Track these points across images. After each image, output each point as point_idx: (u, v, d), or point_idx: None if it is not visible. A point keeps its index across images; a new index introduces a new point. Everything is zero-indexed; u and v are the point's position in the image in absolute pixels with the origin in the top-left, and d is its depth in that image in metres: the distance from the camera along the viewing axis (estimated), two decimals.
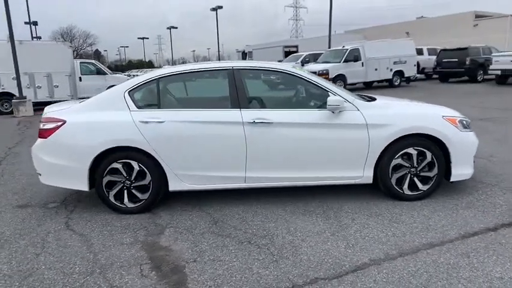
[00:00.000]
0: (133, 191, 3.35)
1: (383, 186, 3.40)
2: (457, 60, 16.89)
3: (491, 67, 15.19)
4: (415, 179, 3.39)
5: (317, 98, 3.41)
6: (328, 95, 3.32)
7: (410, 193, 3.40)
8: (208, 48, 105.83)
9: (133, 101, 3.33)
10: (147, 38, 62.50)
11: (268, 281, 2.27)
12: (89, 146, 3.24)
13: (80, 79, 13.24)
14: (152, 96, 3.40)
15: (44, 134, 3.36)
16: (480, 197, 3.47)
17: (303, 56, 19.23)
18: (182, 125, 3.24)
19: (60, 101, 13.93)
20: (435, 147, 3.33)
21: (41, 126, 3.40)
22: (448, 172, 3.41)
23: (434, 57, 19.20)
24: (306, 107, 3.40)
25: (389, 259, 2.46)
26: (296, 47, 44.75)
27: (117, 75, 15.51)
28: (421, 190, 3.40)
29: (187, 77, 3.52)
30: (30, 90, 12.38)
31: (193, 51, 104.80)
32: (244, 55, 59.87)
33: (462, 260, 2.41)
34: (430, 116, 3.37)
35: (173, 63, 56.25)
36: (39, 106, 13.07)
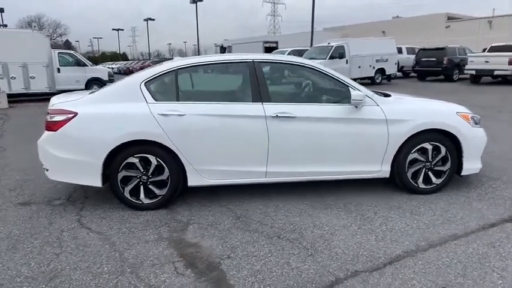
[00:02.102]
0: (150, 186, 3.22)
1: (399, 180, 3.47)
2: (435, 59, 17.52)
3: (466, 67, 15.88)
4: (429, 173, 3.49)
5: (337, 93, 3.41)
6: (349, 90, 3.34)
7: (424, 187, 3.50)
8: (184, 42, 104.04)
9: (150, 93, 3.20)
10: (122, 30, 60.51)
11: (309, 275, 2.26)
12: (104, 139, 3.08)
13: (59, 70, 12.60)
14: (170, 88, 3.27)
15: (52, 126, 3.16)
16: (487, 190, 3.62)
17: (287, 52, 19.28)
18: (203, 118, 3.15)
19: (37, 93, 13.22)
20: (449, 142, 3.43)
21: (49, 118, 3.19)
22: (459, 166, 3.53)
23: (412, 56, 19.83)
24: (326, 102, 3.40)
25: (421, 250, 2.52)
26: (276, 43, 44.79)
27: (98, 67, 14.91)
28: (435, 184, 3.50)
29: (205, 68, 3.42)
30: (4, 81, 11.65)
31: (169, 44, 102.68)
32: (223, 50, 59.29)
33: (489, 250, 2.50)
34: (446, 112, 3.47)
35: (149, 56, 54.85)
36: (14, 98, 12.40)
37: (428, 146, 3.41)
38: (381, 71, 16.83)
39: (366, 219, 3.01)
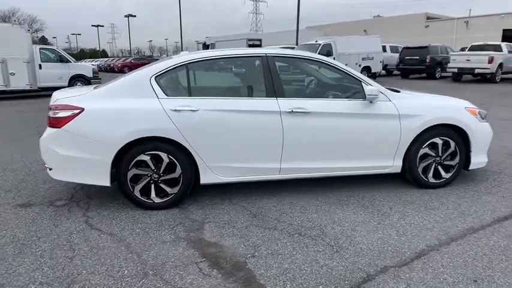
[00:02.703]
0: (161, 185, 3.11)
1: (410, 174, 3.49)
2: (418, 57, 17.96)
3: (449, 65, 16.34)
4: (439, 167, 3.53)
5: (350, 88, 3.39)
6: (361, 85, 3.32)
7: (434, 181, 3.53)
8: (166, 39, 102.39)
9: (161, 88, 3.07)
10: (102, 26, 58.64)
11: (340, 272, 2.22)
12: (113, 136, 2.94)
13: (40, 67, 12.07)
14: (181, 83, 3.16)
15: (56, 123, 2.99)
16: (493, 183, 3.70)
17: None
18: (217, 114, 3.06)
19: (17, 91, 12.67)
20: (458, 137, 3.48)
21: (52, 114, 3.02)
22: (466, 161, 3.59)
23: (396, 55, 20.25)
24: (339, 97, 3.37)
25: (444, 244, 2.53)
26: (260, 40, 44.85)
27: (82, 63, 14.41)
28: (444, 178, 3.55)
29: (217, 63, 3.33)
30: None
31: (150, 41, 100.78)
32: (206, 47, 58.69)
33: (510, 242, 2.54)
34: (455, 107, 3.51)
35: (130, 53, 53.53)
36: None
37: (438, 140, 3.45)
38: (367, 69, 17.07)
39: (383, 215, 3.01)
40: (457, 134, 3.47)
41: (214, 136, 3.07)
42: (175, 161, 3.07)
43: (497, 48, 16.10)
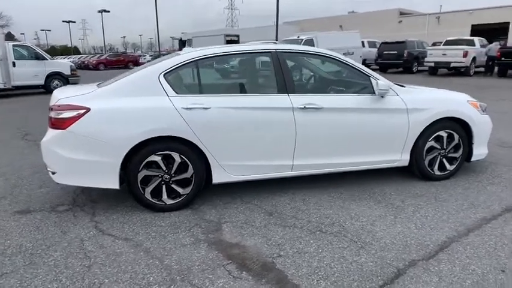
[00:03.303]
0: (173, 185, 3.00)
1: (417, 167, 3.55)
2: (396, 52, 18.38)
3: (426, 59, 16.84)
4: (444, 160, 3.61)
5: (359, 83, 3.39)
6: (370, 80, 3.34)
7: (439, 173, 3.61)
8: (140, 35, 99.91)
9: (170, 85, 2.96)
10: (74, 22, 56.15)
11: (370, 268, 2.22)
12: (122, 137, 2.81)
13: (14, 64, 11.43)
14: (191, 80, 3.06)
15: (60, 124, 2.82)
16: (493, 174, 3.82)
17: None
18: (229, 111, 2.98)
19: None
20: (461, 130, 3.57)
21: (55, 115, 2.84)
22: (468, 153, 3.69)
23: (374, 50, 20.66)
24: (349, 92, 3.36)
25: (463, 235, 2.59)
26: (237, 36, 44.52)
27: (59, 60, 13.78)
28: (448, 170, 3.63)
29: (226, 59, 3.23)
30: None
31: (124, 37, 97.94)
32: (182, 43, 57.66)
33: None
34: (459, 100, 3.59)
35: (104, 49, 51.77)
36: None
37: (443, 133, 3.52)
38: None
39: (397, 208, 3.04)
40: (461, 127, 3.56)
41: (226, 134, 3.00)
42: (187, 160, 2.97)
43: (470, 42, 16.75)
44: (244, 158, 3.09)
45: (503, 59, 14.57)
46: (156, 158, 2.91)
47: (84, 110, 2.80)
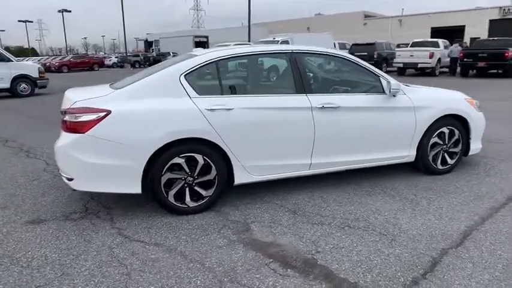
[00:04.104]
0: (196, 188, 2.96)
1: (422, 162, 3.74)
2: (366, 53, 19.06)
3: (395, 60, 17.64)
4: (445, 155, 3.83)
5: (368, 83, 3.52)
6: (380, 79, 3.48)
7: (442, 168, 3.83)
8: (102, 36, 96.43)
9: (191, 86, 2.92)
10: (31, 22, 52.87)
11: (407, 258, 2.33)
12: (146, 140, 2.73)
13: None
14: (211, 81, 3.03)
15: (79, 128, 2.70)
16: (487, 166, 4.10)
17: (230, 46, 19.07)
18: (252, 112, 2.99)
19: None
20: (460, 126, 3.81)
21: (72, 118, 2.71)
22: (466, 147, 3.94)
23: (344, 51, 21.33)
24: (362, 92, 3.48)
25: (479, 224, 2.77)
26: (206, 37, 44.32)
27: (26, 62, 12.97)
28: (449, 164, 3.86)
29: (245, 59, 3.23)
30: None
31: (85, 38, 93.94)
32: (149, 44, 56.19)
33: None
34: (458, 98, 3.83)
35: (67, 50, 49.32)
36: None
37: (445, 130, 3.74)
38: None
39: (412, 202, 3.20)
40: (460, 123, 3.80)
41: (249, 135, 3.00)
42: (210, 162, 2.94)
43: (435, 44, 17.75)
44: (265, 158, 3.11)
45: (465, 60, 15.59)
46: (180, 161, 2.86)
47: (105, 113, 2.70)
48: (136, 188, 2.82)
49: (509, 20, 35.08)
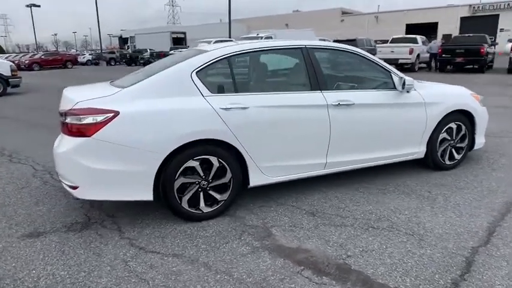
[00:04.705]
0: (210, 192, 2.79)
1: (431, 158, 3.72)
2: None
3: (376, 56, 17.89)
4: (453, 150, 3.83)
5: (380, 79, 3.44)
6: (391, 76, 3.42)
7: (449, 163, 3.83)
8: (74, 32, 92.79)
9: (204, 84, 2.73)
10: None
11: (440, 258, 2.26)
12: (159, 142, 2.53)
13: None
14: (224, 78, 2.85)
15: (83, 130, 2.46)
16: (489, 161, 4.14)
17: (212, 42, 18.74)
18: (267, 110, 2.84)
19: None
20: (467, 121, 3.82)
21: (76, 120, 2.47)
22: (471, 142, 3.96)
23: None
24: (372, 88, 3.39)
25: (500, 219, 2.76)
26: (184, 33, 43.51)
27: None
28: (456, 159, 3.87)
29: (257, 55, 3.07)
30: None
31: (55, 34, 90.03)
32: (124, 40, 54.52)
33: None
34: (464, 94, 3.83)
35: (37, 47, 46.98)
36: None
37: (453, 125, 3.73)
38: None
39: (429, 199, 3.16)
40: (466, 118, 3.81)
41: (265, 134, 2.86)
42: (225, 164, 2.78)
43: (414, 40, 18.16)
44: (281, 158, 2.98)
45: (443, 55, 16.03)
46: (194, 164, 2.68)
47: (113, 114, 2.47)
48: (147, 195, 2.62)
49: (479, 17, 36.53)
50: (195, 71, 2.74)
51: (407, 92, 3.38)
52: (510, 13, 35.10)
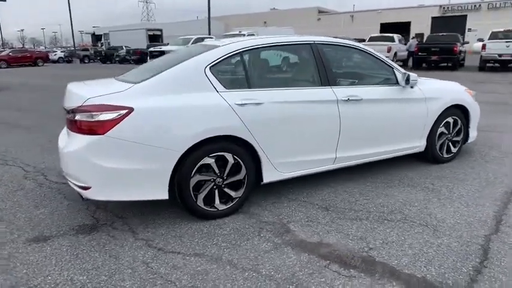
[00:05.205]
0: (225, 189, 2.74)
1: (431, 152, 3.84)
2: None
3: None
4: (449, 143, 3.97)
5: (384, 75, 3.51)
6: (394, 72, 3.49)
7: (446, 156, 3.96)
8: (42, 29, 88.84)
9: (218, 80, 2.68)
10: None
11: (458, 247, 2.33)
12: (176, 139, 2.46)
13: None
14: (239, 74, 2.81)
15: (96, 128, 2.35)
16: (481, 154, 4.32)
17: (192, 40, 18.49)
18: (281, 105, 2.82)
19: None
20: (462, 116, 3.97)
21: (87, 117, 2.35)
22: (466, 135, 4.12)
23: None
24: (377, 83, 3.46)
25: (504, 208, 2.88)
26: (160, 30, 42.65)
27: None
28: (453, 152, 4.01)
29: (267, 51, 3.04)
30: None
31: (22, 30, 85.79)
32: (97, 37, 52.69)
33: None
34: (459, 89, 3.97)
35: (3, 43, 44.50)
36: None
37: (450, 120, 3.87)
38: None
39: (434, 191, 3.25)
40: (462, 113, 3.96)
41: (279, 130, 2.84)
42: (240, 161, 2.74)
43: (391, 39, 18.66)
44: (294, 153, 2.97)
45: (420, 53, 16.59)
46: (210, 161, 2.62)
47: (127, 111, 2.38)
48: (163, 194, 2.54)
49: (448, 17, 38.08)
50: (208, 66, 2.68)
51: (411, 87, 3.47)
52: (476, 14, 36.82)
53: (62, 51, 37.10)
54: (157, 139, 2.43)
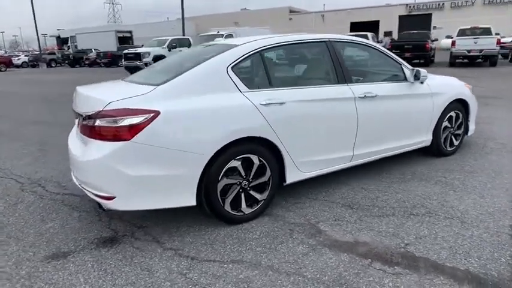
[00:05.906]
0: (251, 192, 2.66)
1: (436, 145, 3.93)
2: None
3: None
4: (452, 137, 4.08)
5: (393, 71, 3.54)
6: (402, 68, 3.54)
7: (450, 149, 4.08)
8: (2, 32, 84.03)
9: (240, 79, 2.59)
10: None
11: (488, 238, 2.39)
12: (204, 142, 2.36)
13: None
14: (260, 73, 2.73)
15: (121, 134, 2.20)
16: (479, 146, 4.47)
17: (168, 41, 18.08)
18: (303, 104, 2.78)
19: None
20: (463, 110, 4.09)
21: (110, 123, 2.20)
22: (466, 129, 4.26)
23: None
24: (388, 80, 3.48)
25: None
26: (130, 32, 41.55)
27: None
28: (455, 145, 4.13)
29: (284, 49, 2.98)
30: None
31: None
32: (63, 40, 50.54)
33: None
34: (459, 84, 4.09)
35: None
36: None
37: (453, 114, 3.98)
38: None
39: (447, 184, 3.32)
40: (462, 107, 4.09)
41: (301, 129, 2.80)
42: (265, 162, 2.67)
43: (365, 37, 19.12)
44: (315, 152, 2.94)
45: (393, 51, 17.10)
46: (236, 163, 2.53)
47: (153, 114, 2.24)
48: (191, 200, 2.42)
49: (414, 16, 39.63)
50: (230, 66, 2.59)
51: (421, 83, 3.53)
52: (440, 13, 38.58)
53: (25, 56, 35.24)
54: (185, 143, 2.32)
